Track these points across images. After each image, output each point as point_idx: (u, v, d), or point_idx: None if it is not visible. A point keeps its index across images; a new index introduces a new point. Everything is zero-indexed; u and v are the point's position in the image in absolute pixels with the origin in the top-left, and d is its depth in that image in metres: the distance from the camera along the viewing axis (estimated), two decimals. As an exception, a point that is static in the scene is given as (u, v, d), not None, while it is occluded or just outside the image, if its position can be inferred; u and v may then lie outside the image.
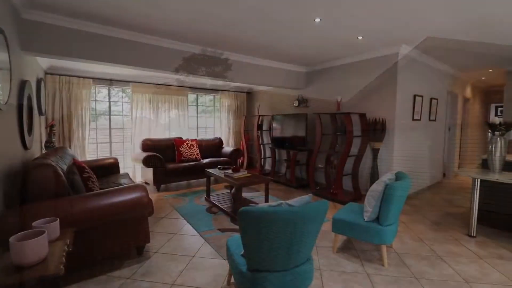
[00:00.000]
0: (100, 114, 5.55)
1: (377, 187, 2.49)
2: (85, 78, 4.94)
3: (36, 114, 3.56)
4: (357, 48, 4.20)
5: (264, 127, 6.86)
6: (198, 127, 7.02)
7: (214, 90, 7.00)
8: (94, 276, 2.25)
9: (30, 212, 1.92)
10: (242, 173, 3.87)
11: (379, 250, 2.70)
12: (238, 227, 2.23)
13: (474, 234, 3.12)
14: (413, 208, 4.13)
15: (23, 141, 2.78)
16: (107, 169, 4.23)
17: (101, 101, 5.52)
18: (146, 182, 5.33)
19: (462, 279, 2.27)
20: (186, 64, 4.16)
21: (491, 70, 5.75)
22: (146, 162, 4.77)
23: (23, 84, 2.82)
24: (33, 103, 3.30)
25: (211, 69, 4.43)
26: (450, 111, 6.09)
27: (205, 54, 4.32)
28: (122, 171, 4.68)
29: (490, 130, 3.27)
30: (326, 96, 5.29)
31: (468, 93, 6.86)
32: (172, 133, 6.14)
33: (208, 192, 4.36)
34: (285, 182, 5.48)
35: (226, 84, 6.65)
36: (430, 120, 5.09)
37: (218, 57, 4.48)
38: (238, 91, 7.40)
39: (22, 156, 2.78)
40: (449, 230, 3.32)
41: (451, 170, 6.34)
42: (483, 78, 6.70)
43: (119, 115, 5.77)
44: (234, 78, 4.76)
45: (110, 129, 5.61)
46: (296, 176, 5.52)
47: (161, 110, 5.99)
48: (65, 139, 4.80)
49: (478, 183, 3.10)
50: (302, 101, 5.78)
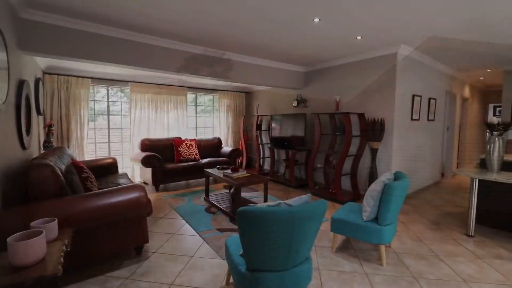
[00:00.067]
0: (98, 114, 5.54)
1: (375, 187, 2.49)
2: (83, 78, 4.93)
3: (34, 114, 3.55)
4: (356, 48, 4.20)
5: (263, 127, 6.86)
6: (197, 127, 7.02)
7: (213, 90, 7.00)
8: (92, 276, 2.24)
9: (28, 212, 1.92)
10: (241, 173, 3.87)
11: (378, 250, 2.71)
12: (237, 227, 2.23)
13: (473, 234, 3.13)
14: (411, 207, 4.14)
15: (21, 141, 2.77)
16: (106, 169, 4.22)
17: (99, 101, 5.51)
18: (145, 182, 5.32)
19: (460, 279, 2.28)
20: (186, 64, 4.16)
21: (490, 70, 5.77)
22: (145, 162, 4.76)
23: (21, 83, 2.81)
24: (31, 103, 3.29)
25: (210, 69, 4.43)
26: (448, 111, 6.11)
27: (204, 54, 4.31)
28: (120, 171, 4.67)
29: (488, 130, 3.28)
30: (325, 96, 5.29)
31: (466, 93, 6.87)
32: (171, 133, 6.14)
33: (207, 192, 4.36)
34: (284, 182, 5.48)
35: (225, 84, 6.66)
36: (428, 120, 5.10)
37: (217, 57, 4.48)
38: (237, 91, 7.40)
39: (20, 156, 2.77)
40: (447, 229, 3.33)
41: (450, 170, 6.37)
42: (482, 78, 6.73)
43: (118, 115, 5.76)
44: (233, 78, 4.76)
45: (109, 129, 5.60)
46: (295, 176, 5.53)
47: (160, 110, 5.98)
48: (63, 139, 4.79)
49: (477, 183, 3.10)
50: (301, 101, 5.79)
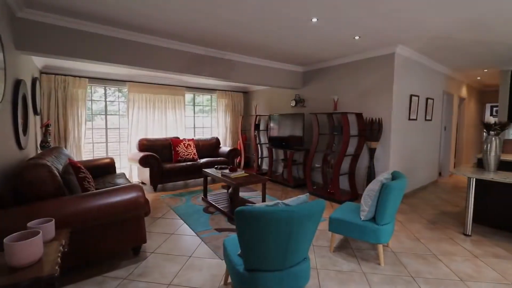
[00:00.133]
0: (96, 114, 5.52)
1: (373, 187, 2.50)
2: (81, 77, 4.91)
3: (31, 113, 3.53)
4: (354, 48, 4.21)
5: (261, 127, 6.85)
6: (195, 127, 7.01)
7: (211, 89, 6.99)
8: (90, 276, 2.24)
9: (25, 212, 1.91)
10: (239, 173, 3.87)
11: (376, 249, 2.71)
12: (235, 227, 2.23)
13: (470, 233, 3.15)
14: (409, 207, 4.16)
15: (18, 141, 2.76)
16: (103, 169, 4.21)
17: (97, 100, 5.49)
18: (142, 182, 5.31)
19: (457, 278, 2.29)
20: (186, 64, 4.15)
21: (487, 70, 5.80)
22: (143, 162, 4.74)
23: (18, 83, 2.80)
24: (28, 103, 3.27)
25: (211, 69, 4.42)
26: (446, 111, 6.14)
27: (204, 54, 4.30)
28: (118, 171, 4.66)
29: (485, 130, 3.30)
30: (323, 95, 5.30)
31: (463, 93, 6.91)
32: (169, 133, 6.12)
33: (205, 192, 4.36)
34: (282, 182, 5.48)
35: (223, 83, 6.66)
36: (426, 119, 5.12)
37: (217, 57, 4.47)
38: (235, 91, 7.40)
39: (17, 156, 2.76)
40: (445, 229, 3.35)
41: (447, 169, 6.40)
42: (479, 78, 6.76)
43: (116, 115, 5.74)
44: (233, 78, 4.76)
45: (107, 128, 5.58)
46: (293, 175, 5.53)
47: (158, 110, 5.97)
48: (60, 139, 4.77)
49: (474, 182, 3.12)
50: (299, 101, 5.79)
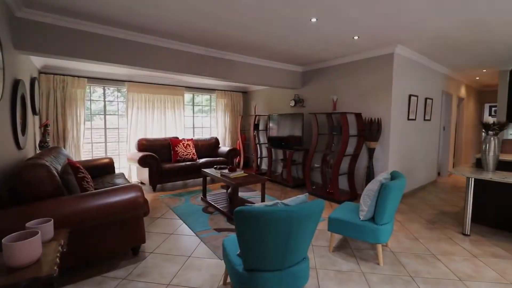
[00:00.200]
0: (95, 114, 5.52)
1: (372, 187, 2.50)
2: (80, 77, 4.90)
3: (30, 113, 3.53)
4: (353, 48, 4.21)
5: (260, 127, 6.85)
6: (194, 127, 7.01)
7: (210, 89, 6.99)
8: (89, 276, 2.23)
9: (23, 212, 1.90)
10: (239, 172, 3.87)
11: (375, 249, 2.72)
12: (234, 227, 2.23)
13: (469, 233, 3.15)
14: (408, 207, 4.16)
15: (17, 141, 2.75)
16: (102, 169, 4.20)
17: (96, 100, 5.48)
18: (141, 182, 5.30)
19: (456, 278, 2.29)
20: (186, 64, 4.14)
21: (485, 70, 5.82)
22: (142, 162, 4.74)
23: (17, 83, 2.79)
24: (27, 103, 3.26)
25: (211, 69, 4.41)
26: (444, 111, 6.15)
27: (204, 54, 4.30)
28: (117, 171, 4.65)
29: (484, 130, 3.31)
30: (322, 96, 5.30)
31: (462, 93, 6.92)
32: (168, 133, 6.12)
33: (204, 192, 4.35)
34: (281, 182, 5.48)
35: (222, 83, 6.66)
36: (425, 119, 5.13)
37: (217, 57, 4.47)
38: (234, 91, 7.40)
39: (16, 156, 2.75)
40: (443, 228, 3.36)
41: (446, 169, 6.41)
42: (478, 78, 6.78)
43: (115, 115, 5.73)
44: (233, 78, 4.75)
45: (106, 128, 5.57)
46: (292, 175, 5.53)
47: (157, 110, 5.96)
48: (59, 139, 4.76)
49: (472, 182, 3.13)
50: (299, 100, 5.79)
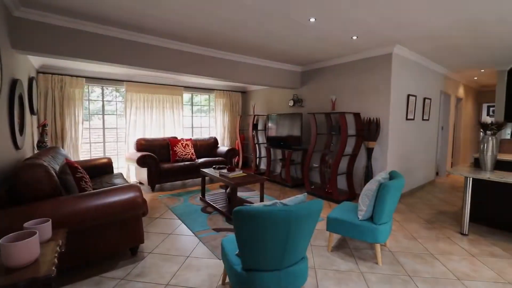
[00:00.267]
0: (93, 114, 5.50)
1: (371, 186, 2.51)
2: (78, 77, 4.88)
3: (27, 113, 3.51)
4: (351, 48, 4.22)
5: (259, 127, 6.86)
6: (193, 127, 7.00)
7: (209, 89, 6.98)
8: (87, 277, 2.23)
9: (21, 213, 1.90)
10: (237, 172, 3.87)
11: (374, 249, 2.73)
12: (233, 227, 2.22)
13: (467, 232, 3.16)
14: (406, 207, 4.17)
15: (15, 141, 2.74)
16: (101, 169, 4.19)
17: (94, 100, 5.46)
18: (140, 182, 5.29)
19: (454, 277, 2.30)
20: (185, 64, 4.14)
21: (483, 71, 5.84)
22: (140, 162, 4.73)
23: (14, 83, 2.78)
24: (24, 102, 3.25)
25: (208, 68, 4.41)
26: (443, 111, 6.16)
27: (203, 54, 4.29)
28: (116, 171, 4.64)
29: (482, 130, 3.32)
30: (321, 95, 5.31)
31: (460, 93, 6.94)
32: (166, 132, 6.11)
33: (203, 191, 4.35)
34: (280, 182, 5.48)
35: (221, 83, 6.66)
36: (423, 119, 5.14)
37: (215, 56, 4.46)
38: (233, 91, 7.39)
39: (14, 156, 2.74)
40: (442, 228, 3.37)
41: (444, 169, 6.43)
42: (476, 78, 6.80)
43: (113, 115, 5.71)
44: (230, 77, 4.75)
45: (104, 128, 5.56)
46: (291, 175, 5.54)
47: (155, 110, 5.95)
48: (57, 139, 4.74)
49: (471, 182, 3.14)
50: (297, 100, 5.79)
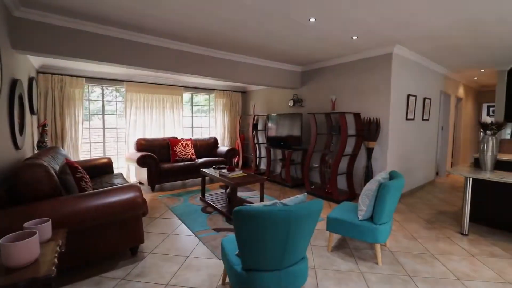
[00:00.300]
0: (93, 114, 5.50)
1: (371, 186, 2.51)
2: (78, 77, 4.88)
3: (27, 113, 3.51)
4: (351, 48, 4.22)
5: (259, 127, 6.86)
6: (193, 127, 7.00)
7: (209, 89, 6.98)
8: (87, 277, 2.23)
9: (21, 213, 1.90)
10: (237, 172, 3.87)
11: (374, 249, 2.73)
12: (233, 227, 2.22)
13: (467, 232, 3.16)
14: (406, 207, 4.17)
15: (15, 141, 2.74)
16: (101, 169, 4.19)
17: (94, 100, 5.46)
18: (140, 182, 5.29)
19: (454, 277, 2.30)
20: (185, 64, 4.13)
21: (483, 71, 5.83)
22: (140, 162, 4.73)
23: (14, 83, 2.78)
24: (24, 102, 3.25)
25: (208, 68, 4.41)
26: (443, 111, 6.16)
27: (202, 53, 4.30)
28: (116, 171, 4.64)
29: (482, 130, 3.32)
30: (321, 95, 5.31)
31: (460, 93, 6.94)
32: (166, 132, 6.11)
33: (203, 191, 4.35)
34: (280, 182, 5.48)
35: (221, 83, 6.65)
36: (423, 119, 5.14)
37: (215, 56, 4.46)
38: (233, 91, 7.39)
39: (14, 156, 2.74)
40: (442, 228, 3.37)
41: (444, 169, 6.43)
42: (475, 78, 6.80)
43: (113, 115, 5.71)
44: (230, 77, 4.75)
45: (104, 128, 5.56)
46: (291, 175, 5.54)
47: (155, 110, 5.95)
48: (57, 139, 4.74)
49: (471, 182, 3.14)
50: (297, 100, 5.79)
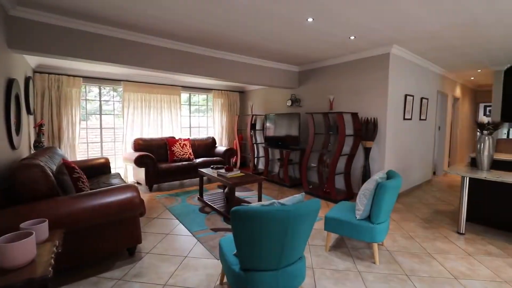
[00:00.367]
0: (90, 114, 5.47)
1: (368, 186, 2.51)
2: (75, 76, 4.86)
3: (24, 113, 3.49)
4: (349, 48, 4.23)
5: (257, 127, 6.86)
6: (191, 127, 6.98)
7: (207, 89, 6.97)
8: (84, 277, 2.22)
9: (18, 213, 1.89)
10: (235, 172, 3.87)
11: (371, 248, 2.73)
12: (231, 227, 2.22)
13: (463, 231, 3.18)
14: (404, 206, 4.19)
15: (11, 141, 2.72)
16: (98, 169, 4.17)
17: (92, 100, 5.44)
18: (138, 182, 5.27)
19: (451, 276, 2.31)
20: (182, 63, 4.12)
21: (480, 71, 5.87)
22: (138, 162, 4.71)
23: (11, 82, 2.76)
24: (21, 102, 3.23)
25: (207, 68, 4.40)
26: (440, 111, 6.19)
27: (200, 53, 4.28)
28: (113, 171, 4.63)
29: (478, 129, 3.34)
30: (319, 95, 5.32)
31: (457, 92, 6.98)
32: (164, 132, 6.09)
33: (201, 191, 4.35)
34: (278, 181, 5.49)
35: (219, 83, 6.65)
36: (420, 119, 5.16)
37: (213, 56, 4.46)
38: (231, 90, 7.39)
39: (10, 156, 2.72)
40: (439, 227, 3.38)
41: (441, 168, 6.46)
42: (472, 78, 6.84)
43: (111, 114, 5.69)
44: (228, 77, 4.74)
45: (101, 128, 5.54)
46: (289, 175, 5.54)
47: (153, 109, 5.93)
48: (54, 139, 4.72)
49: (467, 181, 3.16)
50: (295, 100, 5.80)
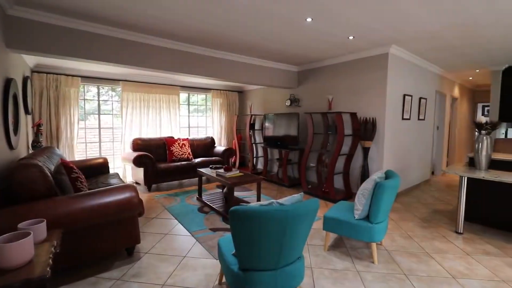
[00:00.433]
0: (89, 113, 5.46)
1: (367, 186, 2.52)
2: (73, 76, 4.85)
3: (22, 113, 3.48)
4: (348, 48, 4.23)
5: (256, 126, 6.86)
6: (189, 126, 6.98)
7: (206, 89, 6.97)
8: (83, 277, 2.21)
9: (16, 213, 1.88)
10: (234, 172, 3.86)
11: (370, 248, 2.74)
12: (229, 227, 2.22)
13: (461, 231, 3.19)
14: (402, 206, 4.20)
15: (9, 140, 2.71)
16: (97, 169, 4.16)
17: (90, 99, 5.42)
18: (136, 182, 5.26)
19: (449, 275, 2.32)
20: (181, 63, 4.12)
21: (478, 71, 5.88)
22: (137, 162, 4.70)
23: (8, 82, 2.75)
24: (19, 102, 3.22)
25: (206, 68, 4.40)
26: (438, 111, 6.21)
27: (199, 53, 4.28)
28: (112, 171, 4.62)
29: (477, 129, 3.35)
30: (317, 95, 5.32)
31: (456, 92, 7.00)
32: (163, 132, 6.08)
33: (199, 191, 4.34)
34: (277, 181, 5.49)
35: (218, 83, 6.64)
36: (419, 119, 5.17)
37: (212, 56, 4.45)
38: (230, 90, 7.38)
39: (8, 156, 2.71)
40: (437, 227, 3.39)
41: (439, 168, 6.48)
42: (471, 78, 6.86)
43: (109, 114, 5.68)
44: (227, 77, 4.74)
45: (100, 128, 5.52)
46: (288, 175, 5.54)
47: (152, 109, 5.92)
48: (52, 139, 4.70)
49: (465, 181, 3.17)
50: (294, 100, 5.80)
